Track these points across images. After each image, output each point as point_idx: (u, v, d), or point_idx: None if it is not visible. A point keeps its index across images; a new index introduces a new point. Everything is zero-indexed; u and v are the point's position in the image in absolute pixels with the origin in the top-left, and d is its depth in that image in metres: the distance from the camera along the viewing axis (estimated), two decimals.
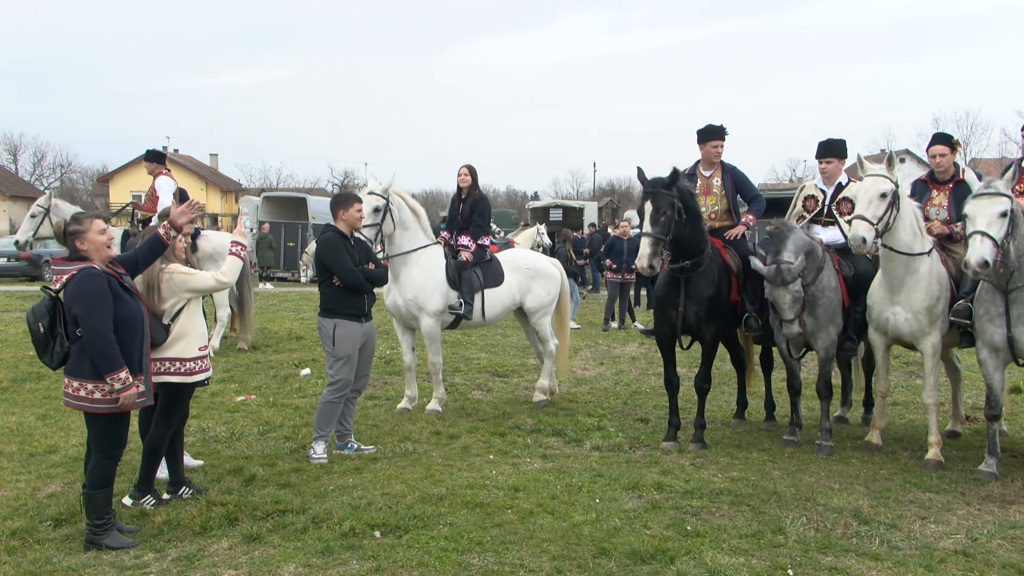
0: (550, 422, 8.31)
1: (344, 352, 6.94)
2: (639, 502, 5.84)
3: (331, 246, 6.97)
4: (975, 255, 6.07)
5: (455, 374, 10.88)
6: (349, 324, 6.94)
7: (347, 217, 7.08)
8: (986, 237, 6.11)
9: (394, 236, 8.49)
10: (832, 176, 7.93)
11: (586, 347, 13.66)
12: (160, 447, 5.90)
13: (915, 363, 10.89)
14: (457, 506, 5.66)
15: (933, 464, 6.87)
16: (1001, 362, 6.74)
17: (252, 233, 27.85)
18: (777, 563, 4.76)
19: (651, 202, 6.98)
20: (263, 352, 12.41)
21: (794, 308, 6.98)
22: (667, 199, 6.96)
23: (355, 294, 6.97)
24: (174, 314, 5.81)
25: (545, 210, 34.38)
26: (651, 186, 7.05)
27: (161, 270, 5.81)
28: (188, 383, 5.85)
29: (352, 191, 9.45)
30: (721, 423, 8.53)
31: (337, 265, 6.90)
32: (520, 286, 9.13)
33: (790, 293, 6.97)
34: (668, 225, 6.96)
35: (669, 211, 6.95)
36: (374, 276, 7.12)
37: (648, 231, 6.95)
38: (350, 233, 7.12)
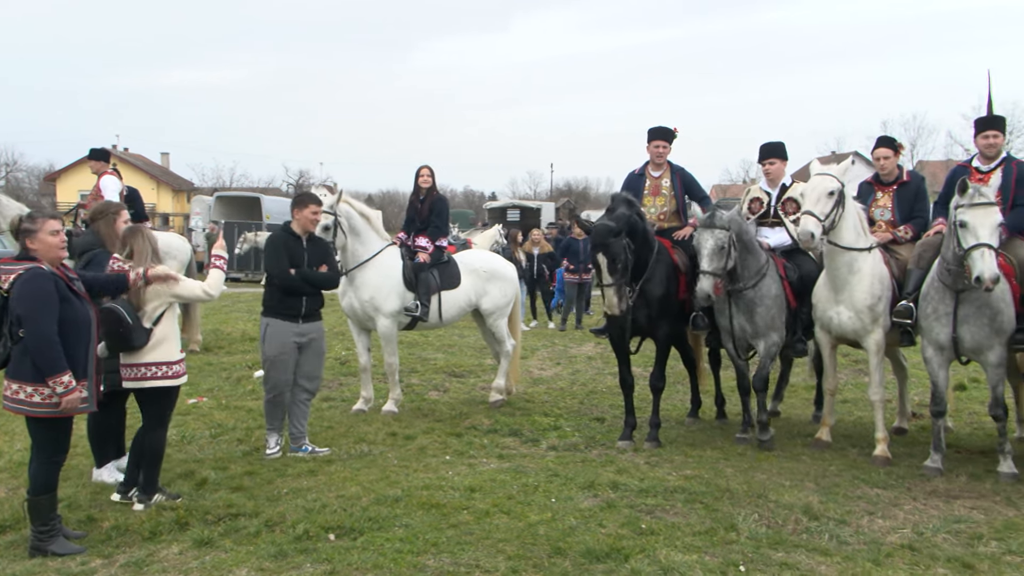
0: (507, 422, 8.32)
1: (272, 352, 6.94)
2: (595, 501, 5.88)
3: (273, 246, 7.01)
4: (988, 271, 6.06)
5: (412, 375, 10.84)
6: (281, 324, 6.92)
7: (300, 218, 7.07)
8: (991, 250, 6.14)
9: (348, 246, 8.43)
10: (776, 177, 8.07)
11: (543, 347, 13.70)
12: (160, 451, 5.89)
13: (863, 361, 11.10)
14: (413, 507, 5.64)
15: (881, 460, 7.02)
16: (946, 360, 6.91)
17: (204, 232, 27.44)
18: (729, 560, 4.83)
19: (604, 254, 7.02)
20: (215, 354, 12.23)
21: (713, 261, 7.01)
22: (618, 245, 7.03)
23: (291, 295, 6.94)
24: (156, 317, 5.75)
25: (503, 210, 34.43)
26: (600, 237, 7.05)
27: (150, 269, 5.74)
28: (176, 386, 5.88)
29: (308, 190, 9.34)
30: (675, 422, 8.62)
31: (273, 266, 6.94)
32: (476, 288, 9.12)
33: (713, 238, 7.03)
34: (625, 268, 7.07)
35: (623, 254, 7.04)
36: (319, 279, 7.08)
37: (609, 282, 7.03)
38: (304, 233, 7.07)
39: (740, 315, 7.43)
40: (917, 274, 7.04)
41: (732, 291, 7.36)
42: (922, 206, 7.73)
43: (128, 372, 5.71)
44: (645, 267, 7.44)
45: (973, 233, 6.20)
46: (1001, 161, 7.20)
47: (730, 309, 7.44)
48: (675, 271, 7.73)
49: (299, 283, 6.93)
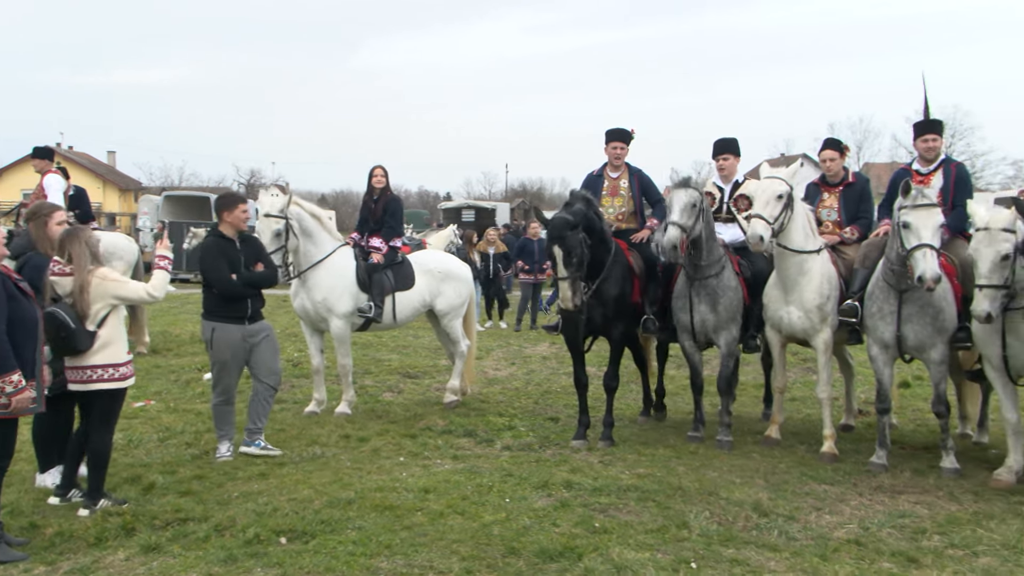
0: (461, 423, 8.30)
1: (220, 356, 6.86)
2: (549, 501, 5.90)
3: (209, 255, 6.89)
4: (930, 270, 6.21)
5: (365, 376, 10.77)
6: (228, 328, 6.84)
7: (232, 219, 6.97)
8: (933, 250, 6.30)
9: (300, 248, 8.34)
10: (729, 174, 8.19)
11: (498, 347, 13.70)
12: (106, 454, 5.79)
13: (811, 360, 11.31)
14: (366, 509, 5.61)
15: (828, 457, 7.16)
16: (890, 358, 7.08)
17: (151, 232, 26.92)
18: (681, 557, 4.89)
19: (560, 247, 7.04)
20: (163, 356, 12.01)
21: (683, 215, 7.07)
22: (575, 239, 7.04)
23: (236, 299, 6.86)
24: (100, 320, 5.63)
25: (457, 211, 34.35)
26: (557, 230, 7.07)
27: (91, 272, 5.61)
28: (123, 388, 5.79)
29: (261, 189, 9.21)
30: (629, 421, 8.69)
31: (212, 275, 6.82)
32: (431, 288, 9.09)
33: (687, 195, 7.13)
34: (581, 262, 7.08)
35: (579, 248, 7.05)
36: (259, 279, 7.02)
37: (564, 275, 7.03)
38: (236, 234, 6.98)
39: (703, 304, 7.49)
40: (863, 274, 7.20)
41: (696, 279, 7.43)
42: (867, 207, 7.90)
43: (74, 375, 5.60)
44: (602, 267, 7.47)
45: (916, 234, 6.35)
46: (940, 163, 7.40)
47: (691, 301, 7.51)
48: (630, 272, 7.78)
49: (242, 288, 6.86)
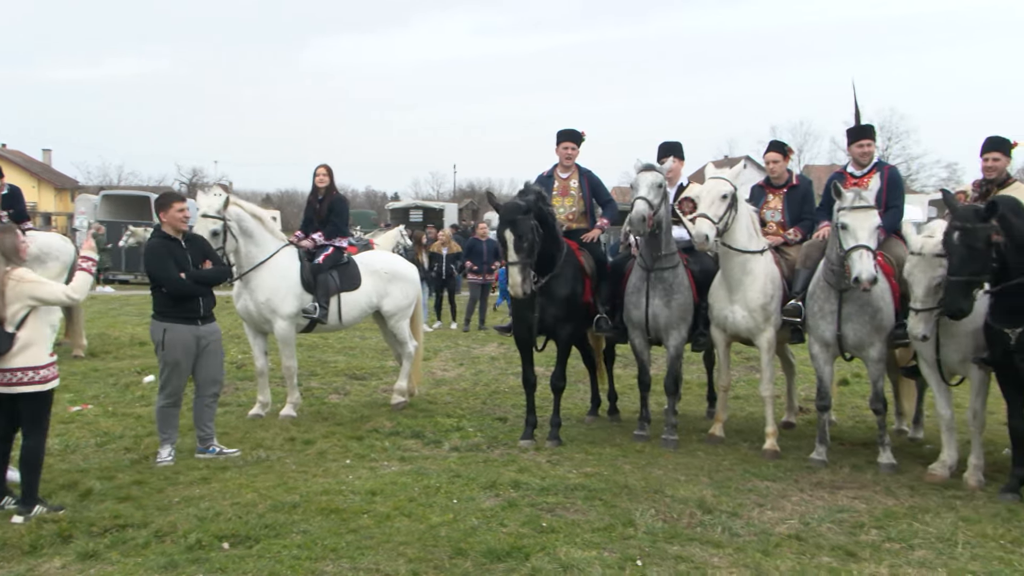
0: (409, 424, 8.26)
1: (172, 357, 6.75)
2: (496, 501, 5.90)
3: (155, 255, 6.80)
4: (866, 271, 6.37)
5: (311, 378, 10.64)
6: (180, 328, 6.75)
7: (169, 219, 6.88)
8: (869, 252, 6.46)
9: (241, 249, 8.20)
10: (674, 177, 8.28)
11: (446, 348, 13.67)
12: (39, 458, 5.61)
13: (754, 358, 11.52)
14: (311, 513, 5.54)
15: (770, 454, 7.29)
16: (831, 356, 7.24)
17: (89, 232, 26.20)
18: (627, 555, 4.93)
19: (511, 230, 7.05)
20: (102, 359, 11.71)
21: (650, 192, 7.14)
22: (526, 224, 7.06)
23: (188, 297, 6.78)
24: (18, 321, 5.46)
25: (405, 211, 34.18)
26: (509, 213, 7.11)
27: (6, 273, 5.45)
28: (46, 391, 5.60)
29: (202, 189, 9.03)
30: (576, 420, 8.74)
31: (162, 276, 6.73)
32: (377, 289, 9.02)
33: (652, 176, 7.21)
34: (532, 248, 7.08)
35: (530, 235, 7.06)
36: (209, 277, 6.95)
37: (514, 259, 7.04)
38: (178, 233, 6.87)
39: (657, 299, 7.55)
40: (804, 274, 7.35)
41: (652, 269, 7.50)
42: (810, 209, 8.07)
43: None
44: (553, 263, 7.50)
45: (853, 235, 6.51)
46: (874, 166, 7.61)
47: (647, 295, 7.58)
48: (581, 272, 7.83)
49: (192, 286, 6.76)
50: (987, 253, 5.78)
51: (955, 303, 5.87)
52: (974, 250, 5.78)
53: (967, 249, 5.80)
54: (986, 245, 5.76)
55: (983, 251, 5.77)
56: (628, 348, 8.32)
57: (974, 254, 5.79)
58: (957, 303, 5.86)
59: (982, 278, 5.89)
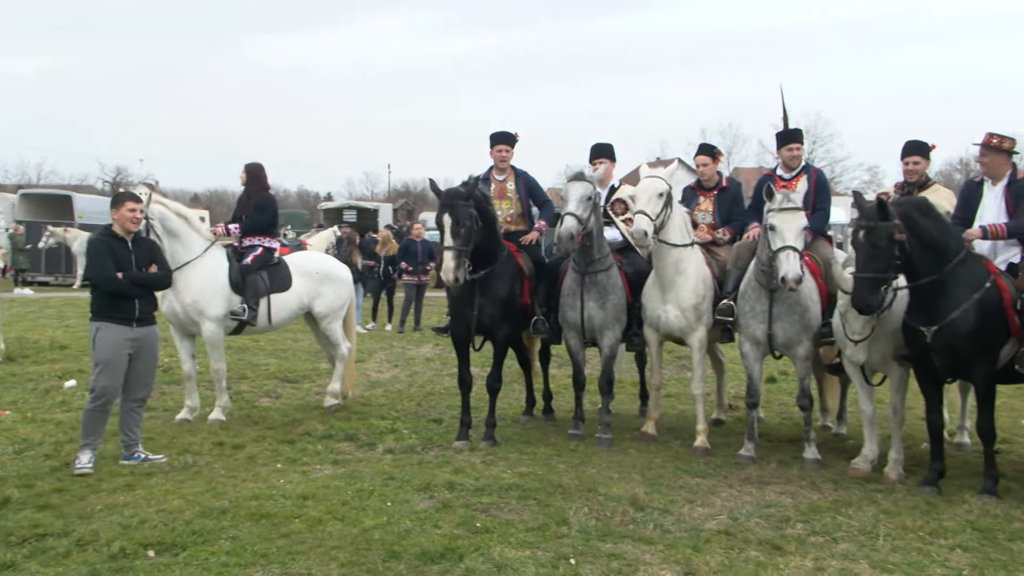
0: (342, 427, 8.16)
1: (102, 357, 6.58)
2: (430, 502, 5.88)
3: (94, 250, 6.70)
4: (792, 271, 6.51)
5: (241, 381, 10.44)
6: (113, 328, 6.59)
7: (118, 218, 6.77)
8: (796, 252, 6.61)
9: (166, 249, 7.99)
10: (606, 178, 8.37)
11: (380, 349, 13.57)
12: None
13: (685, 357, 11.72)
14: (241, 519, 5.44)
15: (700, 451, 7.43)
16: (761, 354, 7.42)
17: (7, 232, 25.27)
18: (560, 553, 4.96)
19: (450, 215, 7.05)
20: (20, 363, 11.27)
21: (580, 206, 7.17)
22: (466, 210, 7.06)
23: (123, 298, 6.64)
24: None
25: (338, 211, 33.81)
26: (449, 198, 7.12)
27: None
28: None
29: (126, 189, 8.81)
30: (511, 420, 8.76)
31: (95, 271, 6.61)
32: (309, 290, 8.89)
33: (582, 187, 7.23)
34: (469, 236, 7.07)
35: (468, 222, 7.05)
36: (149, 280, 6.82)
37: (450, 244, 7.01)
38: (127, 234, 6.73)
39: (592, 301, 7.60)
40: (735, 274, 7.51)
41: (586, 273, 7.55)
42: (740, 210, 8.26)
43: None
44: (493, 259, 7.50)
45: (780, 236, 6.68)
46: (802, 169, 7.82)
47: (581, 298, 7.62)
48: (520, 274, 7.85)
49: (126, 286, 6.62)
50: (890, 251, 5.97)
51: (862, 299, 6.09)
52: (877, 248, 5.99)
53: (871, 247, 6.02)
54: (889, 243, 5.96)
55: (886, 248, 5.97)
56: (563, 348, 8.38)
57: (877, 252, 5.99)
58: (863, 299, 6.08)
59: (888, 276, 6.08)
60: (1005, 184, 6.72)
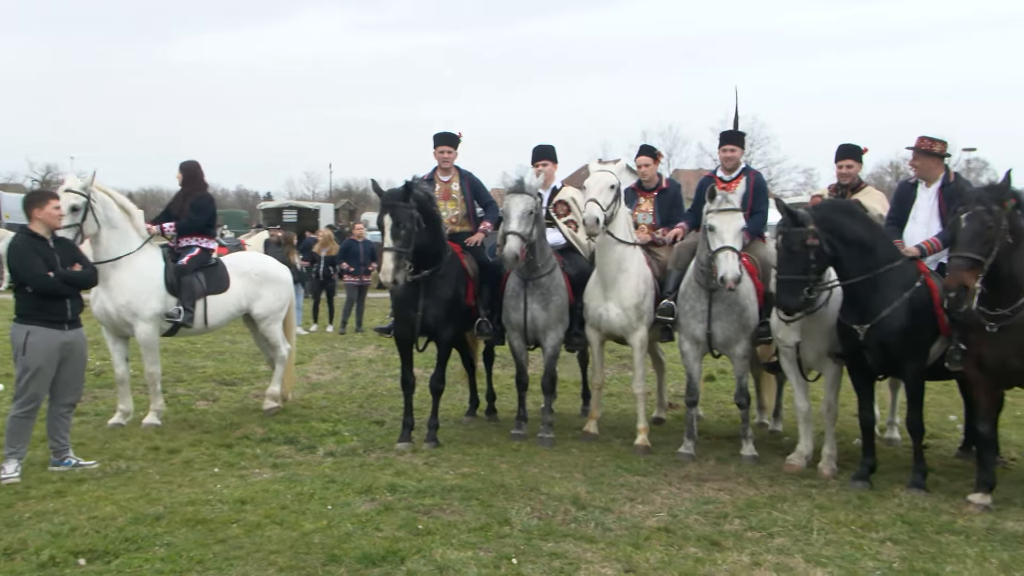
0: (282, 430, 8.04)
1: (35, 363, 6.34)
2: (372, 505, 5.83)
3: (19, 251, 6.43)
4: (731, 272, 6.62)
5: (177, 384, 10.22)
6: (45, 332, 6.36)
7: (43, 216, 6.52)
8: (735, 252, 6.73)
9: (101, 237, 7.78)
10: (548, 179, 8.41)
11: (321, 351, 13.42)
12: None
13: (626, 357, 11.84)
14: (176, 524, 5.33)
15: (641, 449, 7.51)
16: (700, 353, 7.53)
17: None
18: (503, 553, 4.97)
19: (390, 216, 6.99)
20: None
21: (521, 223, 7.18)
22: (406, 212, 7.01)
23: (53, 299, 6.41)
24: None
25: (278, 211, 33.39)
26: (389, 199, 7.07)
27: None
28: None
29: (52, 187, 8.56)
30: (454, 421, 8.74)
31: (24, 271, 6.36)
32: (248, 292, 8.73)
33: (523, 203, 7.24)
34: (409, 238, 7.02)
35: (409, 223, 7.01)
36: (77, 278, 6.61)
37: (389, 245, 6.96)
38: (49, 233, 6.52)
39: (535, 303, 7.63)
40: (676, 274, 7.61)
41: (529, 279, 7.56)
42: (679, 211, 8.38)
43: None
44: (438, 259, 7.46)
45: (719, 237, 6.79)
46: (741, 171, 7.96)
47: (525, 300, 7.64)
48: (465, 275, 7.84)
49: (59, 285, 6.40)
50: (804, 255, 6.21)
51: (782, 299, 6.35)
52: (791, 252, 6.25)
53: (786, 251, 6.29)
54: (802, 247, 6.21)
55: (799, 253, 6.21)
56: (507, 349, 8.39)
57: (792, 256, 6.25)
58: (784, 299, 6.32)
59: (807, 278, 6.27)
60: (939, 187, 6.94)
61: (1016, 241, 5.73)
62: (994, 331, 5.80)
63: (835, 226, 6.29)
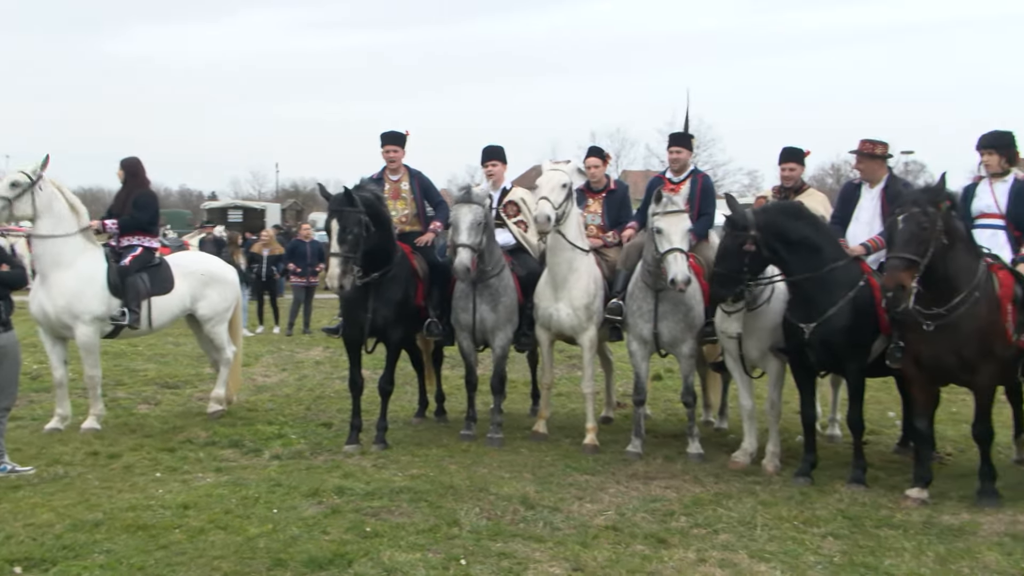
0: (226, 433, 7.91)
1: None
2: (319, 508, 5.77)
3: None
4: (680, 273, 6.72)
5: (117, 388, 9.98)
6: None
7: None
8: (683, 254, 6.82)
9: (41, 229, 7.57)
10: (498, 180, 8.43)
11: (268, 353, 13.23)
12: None
13: (575, 357, 11.90)
14: (116, 531, 5.22)
15: (590, 448, 7.56)
16: (648, 353, 7.60)
17: None
18: (451, 554, 4.96)
19: (337, 221, 6.94)
20: None
21: (471, 235, 7.17)
22: (353, 216, 6.96)
23: None
24: None
25: (223, 211, 32.90)
26: (336, 204, 7.02)
27: None
28: None
29: None
30: (403, 423, 8.69)
31: None
32: (193, 292, 8.56)
33: (472, 213, 7.23)
34: (356, 243, 6.97)
35: (356, 228, 6.96)
36: (8, 278, 6.50)
37: (336, 251, 6.91)
38: None
39: (484, 305, 7.62)
40: (624, 274, 7.68)
41: (479, 281, 7.55)
42: (628, 213, 8.45)
43: None
44: (388, 261, 7.41)
45: (667, 239, 6.87)
46: (689, 174, 8.06)
47: (474, 301, 7.62)
48: (415, 276, 7.80)
49: None
50: (739, 257, 6.47)
51: (715, 289, 6.76)
52: (728, 251, 6.53)
53: (723, 249, 6.62)
54: (738, 250, 6.47)
55: (735, 254, 6.48)
56: (456, 349, 8.37)
57: (728, 254, 6.53)
58: (717, 290, 6.70)
59: (741, 275, 6.49)
60: (882, 187, 7.12)
61: (951, 242, 5.89)
62: (931, 330, 5.95)
63: (780, 229, 6.46)
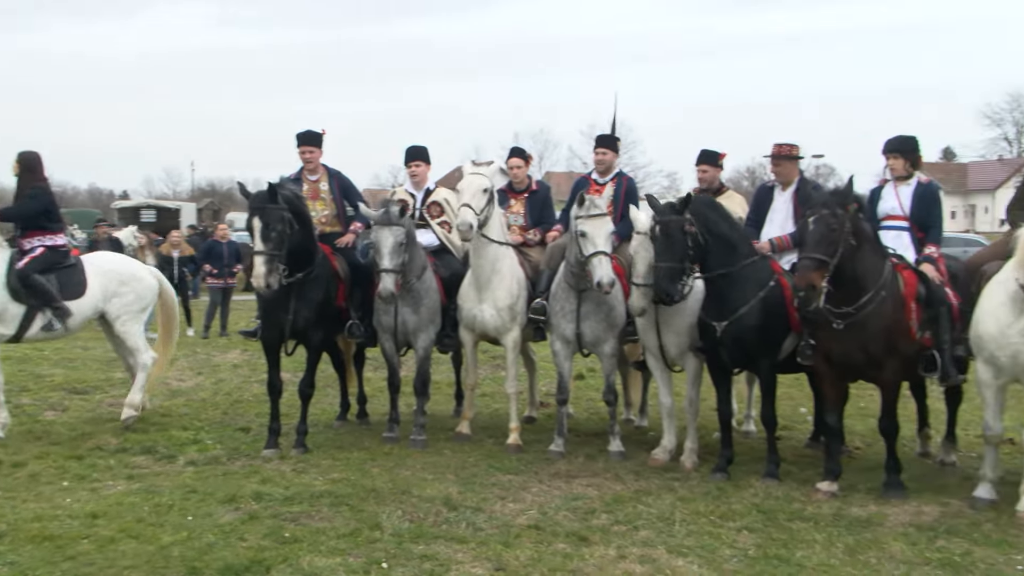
0: (138, 439, 7.67)
1: None
2: (236, 514, 5.65)
3: None
4: (606, 276, 6.77)
5: (22, 394, 9.56)
6: None
7: None
8: (608, 257, 6.87)
9: None
10: (421, 180, 8.39)
11: (183, 356, 12.82)
12: None
13: (499, 357, 11.92)
14: (20, 542, 5.02)
15: (513, 448, 7.58)
16: (570, 353, 7.67)
17: None
18: (373, 558, 4.92)
19: (259, 218, 6.80)
20: None
21: (394, 258, 7.12)
22: (276, 213, 6.84)
23: None
24: None
25: (135, 210, 31.88)
26: (257, 201, 6.89)
27: None
28: None
29: None
30: (324, 426, 8.56)
31: None
32: (105, 291, 8.23)
33: (393, 236, 7.15)
34: (281, 240, 6.84)
35: (280, 225, 6.84)
36: None
37: (261, 249, 6.77)
38: None
39: (406, 308, 7.57)
40: (548, 274, 7.73)
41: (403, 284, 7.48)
42: (549, 213, 8.50)
43: None
44: (310, 262, 7.30)
45: (592, 242, 6.94)
46: (614, 176, 8.16)
47: (396, 304, 7.55)
48: (336, 277, 7.70)
49: None
50: (683, 242, 6.46)
51: (661, 287, 6.52)
52: (671, 239, 6.46)
53: (665, 238, 6.48)
54: (681, 234, 6.45)
55: (679, 240, 6.45)
56: (378, 351, 8.29)
57: (671, 243, 6.45)
58: (663, 287, 6.50)
59: (684, 266, 6.52)
60: (794, 189, 7.34)
61: (859, 243, 6.12)
62: (840, 328, 6.17)
63: (705, 219, 6.58)
